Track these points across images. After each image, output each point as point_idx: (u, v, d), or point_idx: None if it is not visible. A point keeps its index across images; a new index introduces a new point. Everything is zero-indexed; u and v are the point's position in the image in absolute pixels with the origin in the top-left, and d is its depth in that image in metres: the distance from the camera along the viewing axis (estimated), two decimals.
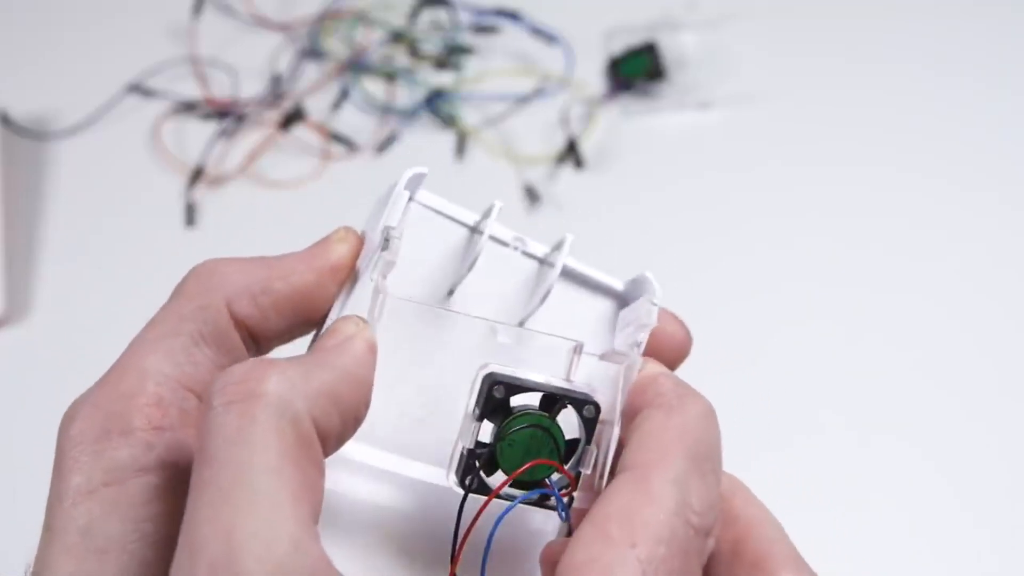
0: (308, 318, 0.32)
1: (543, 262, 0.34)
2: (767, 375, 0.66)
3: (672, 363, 0.34)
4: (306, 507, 0.24)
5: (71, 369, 0.67)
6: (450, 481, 0.30)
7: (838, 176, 0.76)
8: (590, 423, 0.30)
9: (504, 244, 0.34)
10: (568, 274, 0.34)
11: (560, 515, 0.30)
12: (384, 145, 0.78)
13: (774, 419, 0.64)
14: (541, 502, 0.30)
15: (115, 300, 0.71)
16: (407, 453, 0.31)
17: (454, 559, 0.29)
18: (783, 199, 0.75)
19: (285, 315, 0.32)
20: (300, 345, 0.34)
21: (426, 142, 0.78)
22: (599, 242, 0.72)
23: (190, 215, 0.75)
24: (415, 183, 0.33)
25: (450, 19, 0.85)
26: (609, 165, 0.77)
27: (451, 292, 0.34)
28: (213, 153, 0.78)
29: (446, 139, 0.78)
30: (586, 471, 0.30)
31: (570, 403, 0.30)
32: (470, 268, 0.33)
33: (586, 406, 0.30)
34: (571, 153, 0.76)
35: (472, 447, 0.30)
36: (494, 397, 0.30)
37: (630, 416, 0.30)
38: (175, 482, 0.28)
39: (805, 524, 0.61)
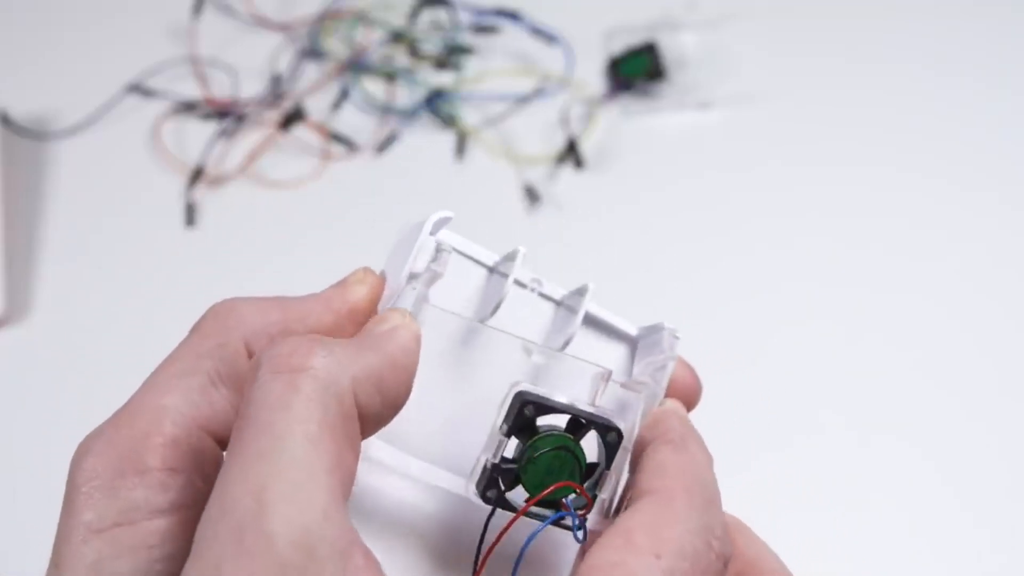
0: None
1: (560, 304, 0.35)
2: (767, 375, 0.66)
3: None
4: (339, 481, 0.25)
5: (71, 369, 0.68)
6: (470, 492, 0.30)
7: (838, 176, 0.76)
8: (612, 448, 0.31)
9: (522, 286, 0.34)
10: (586, 319, 0.34)
11: (576, 536, 0.30)
12: (384, 145, 0.78)
13: (774, 419, 0.64)
14: (557, 521, 0.30)
15: (115, 300, 0.71)
16: (434, 460, 0.31)
17: (476, 573, 0.29)
18: (783, 199, 0.75)
19: None
20: None
21: (426, 142, 0.78)
22: (599, 242, 0.73)
23: (190, 215, 0.75)
24: (440, 227, 0.33)
25: (450, 19, 0.85)
26: (609, 165, 0.77)
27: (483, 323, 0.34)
28: (213, 153, 0.78)
29: (446, 139, 0.78)
30: (603, 495, 0.31)
31: (595, 428, 0.31)
32: (494, 311, 0.33)
33: (610, 432, 0.31)
34: (571, 153, 0.76)
35: (497, 462, 0.30)
36: (524, 415, 0.30)
37: (639, 446, 0.31)
38: (188, 525, 0.27)
39: (805, 524, 0.61)
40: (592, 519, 0.31)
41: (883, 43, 0.83)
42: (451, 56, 0.83)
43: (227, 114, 0.80)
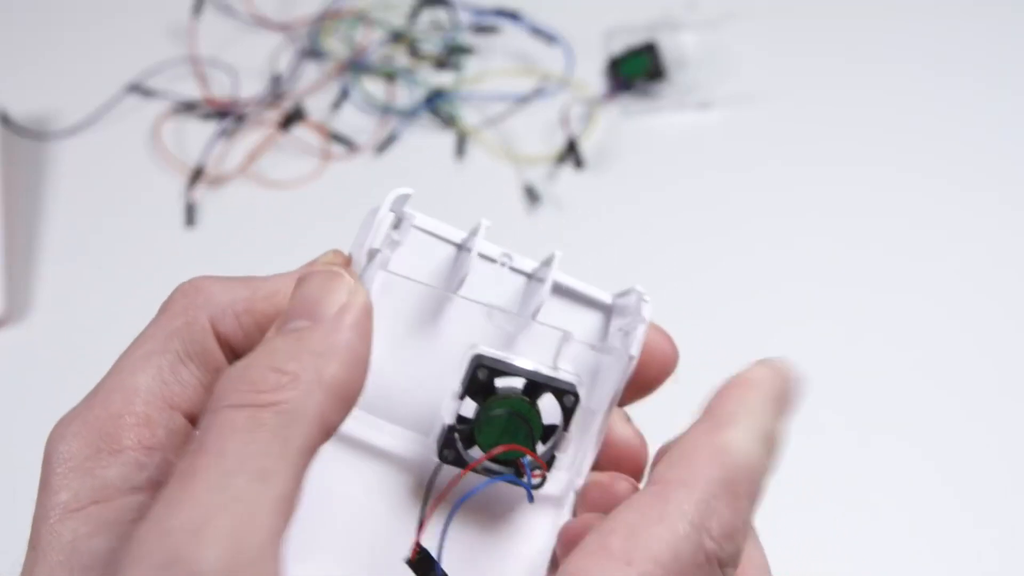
0: None
1: (531, 277, 0.35)
2: None
3: (658, 378, 0.34)
4: (283, 516, 0.24)
5: (71, 369, 0.67)
6: (430, 451, 0.31)
7: (838, 176, 0.76)
8: (568, 411, 0.32)
9: (492, 260, 0.34)
10: (558, 289, 0.35)
11: (528, 496, 0.31)
12: (384, 145, 0.78)
13: None
14: (514, 482, 0.31)
15: (115, 300, 0.71)
16: (398, 422, 0.32)
17: (421, 525, 0.30)
18: (783, 199, 0.75)
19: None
20: None
21: (426, 142, 0.78)
22: (599, 242, 0.73)
23: (190, 215, 0.75)
24: (400, 204, 0.33)
25: (450, 19, 0.85)
26: (609, 165, 0.77)
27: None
28: (213, 153, 0.78)
29: (446, 139, 0.78)
30: (561, 454, 0.32)
31: (551, 391, 0.32)
32: (459, 287, 0.33)
33: (566, 395, 0.32)
34: (571, 153, 0.76)
35: (453, 422, 0.31)
36: (478, 378, 0.31)
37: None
38: None
39: (807, 524, 0.61)
40: (557, 478, 0.32)
41: (883, 43, 0.83)
42: (451, 56, 0.83)
43: (227, 114, 0.80)
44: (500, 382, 0.32)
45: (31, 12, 0.88)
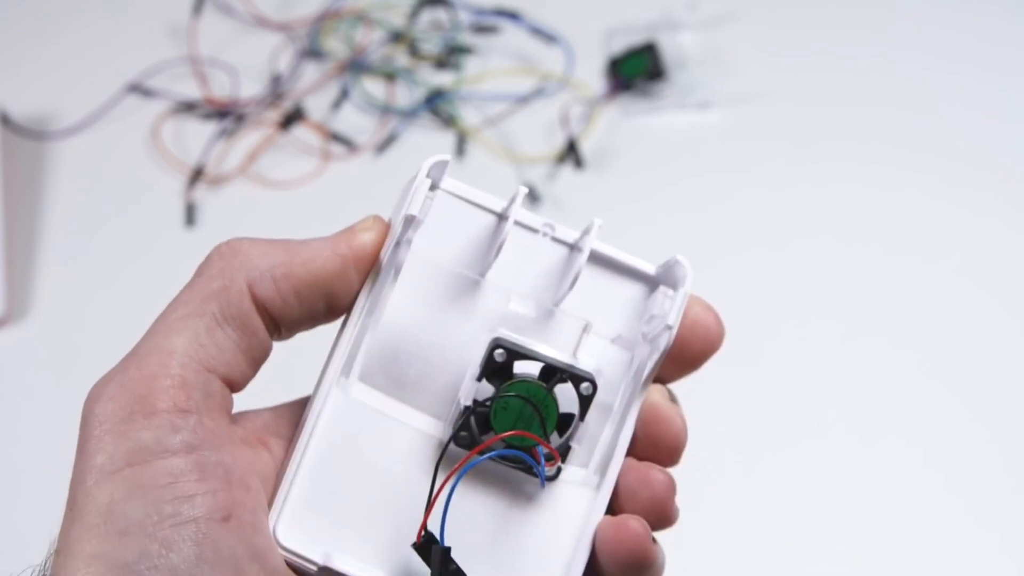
0: (330, 306, 0.32)
1: (573, 247, 0.35)
2: (768, 375, 0.66)
3: (702, 351, 0.34)
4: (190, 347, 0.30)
5: (71, 369, 0.67)
6: (444, 433, 0.31)
7: (838, 175, 0.76)
8: (586, 400, 0.32)
9: (534, 231, 0.34)
10: (598, 259, 0.35)
11: (541, 483, 0.31)
12: (384, 145, 0.78)
13: (774, 419, 0.64)
14: (528, 470, 0.31)
15: (115, 300, 0.71)
16: (409, 403, 0.32)
17: (428, 508, 0.30)
18: (783, 198, 0.75)
19: (305, 301, 0.32)
20: (321, 334, 0.34)
21: (426, 142, 0.78)
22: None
23: (190, 215, 0.75)
24: (438, 171, 0.33)
25: (450, 19, 0.85)
26: (609, 165, 0.77)
27: (481, 276, 0.34)
28: (213, 153, 0.78)
29: (446, 139, 0.78)
30: (576, 445, 0.32)
31: (569, 378, 0.32)
32: (497, 253, 0.33)
33: (584, 383, 0.32)
34: (571, 153, 0.76)
35: (469, 404, 0.31)
36: (495, 360, 0.31)
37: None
38: (200, 465, 0.28)
39: (810, 524, 0.61)
40: (572, 472, 0.32)
41: (883, 42, 0.83)
42: (451, 56, 0.83)
43: (227, 114, 0.80)
44: (519, 367, 0.32)
45: (31, 12, 0.88)
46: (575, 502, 0.32)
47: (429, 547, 0.30)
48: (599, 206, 0.74)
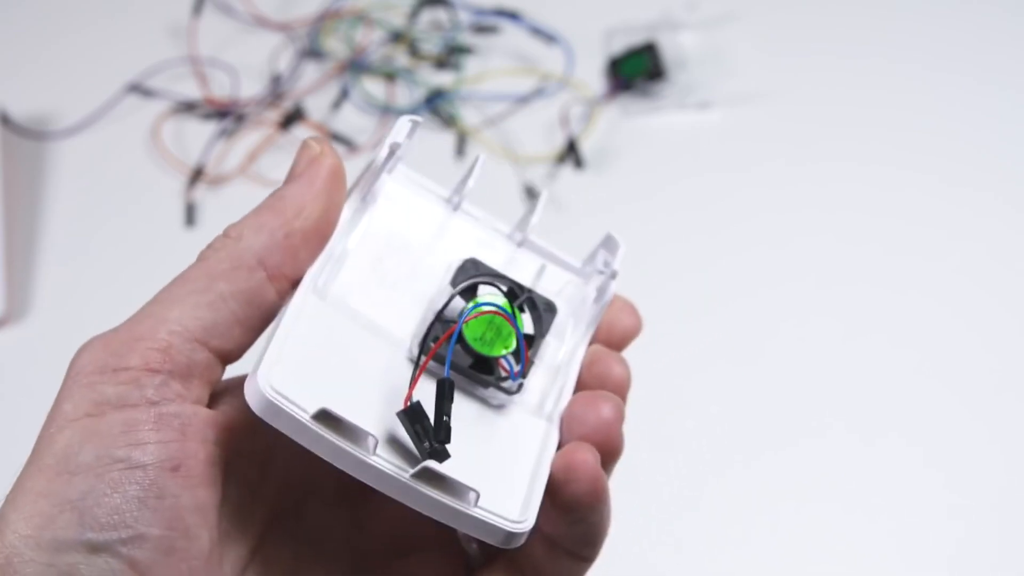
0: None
1: (510, 237, 0.38)
2: (768, 375, 0.66)
3: (621, 342, 0.36)
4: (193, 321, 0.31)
5: None
6: (412, 349, 0.33)
7: (838, 175, 0.76)
8: (548, 319, 0.35)
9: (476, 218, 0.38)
10: (534, 248, 0.38)
11: (514, 379, 0.33)
12: None
13: (775, 419, 0.64)
14: (495, 383, 0.33)
15: (115, 300, 0.70)
16: (379, 316, 0.34)
17: (413, 383, 0.31)
18: (783, 198, 0.75)
19: (312, 246, 0.33)
20: None
21: (426, 142, 0.78)
22: (599, 242, 0.73)
23: (190, 215, 0.75)
24: (412, 131, 0.36)
25: (450, 19, 0.85)
26: (609, 165, 0.77)
27: (455, 208, 0.38)
28: (213, 153, 0.78)
29: (446, 139, 0.78)
30: (537, 362, 0.34)
31: (531, 301, 0.35)
32: (468, 176, 0.37)
33: (547, 304, 0.35)
34: (571, 153, 0.76)
35: (440, 309, 0.33)
36: (467, 270, 0.34)
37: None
38: (158, 417, 0.29)
39: (810, 524, 0.61)
40: (531, 400, 0.34)
41: (883, 42, 0.83)
42: (451, 56, 0.83)
43: (227, 114, 0.80)
44: (483, 293, 0.34)
45: (31, 12, 0.88)
46: (532, 432, 0.34)
47: (417, 412, 0.31)
48: (599, 206, 0.74)
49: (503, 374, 0.33)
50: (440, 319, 0.33)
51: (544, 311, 0.35)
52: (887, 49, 0.83)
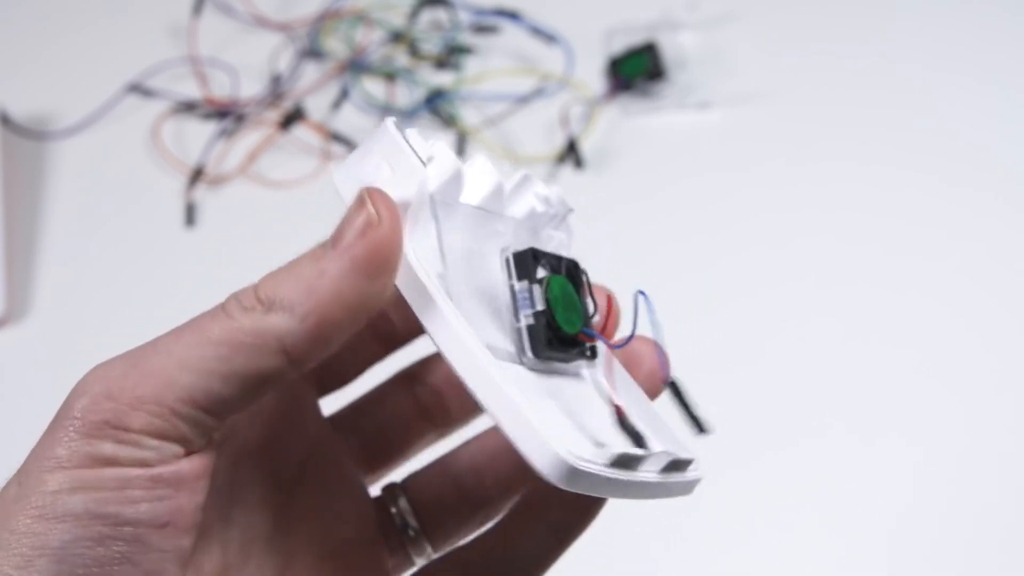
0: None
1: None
2: (768, 375, 0.66)
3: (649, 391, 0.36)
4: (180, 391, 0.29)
5: (71, 369, 0.67)
6: (525, 361, 0.32)
7: (838, 175, 0.76)
8: (584, 281, 0.34)
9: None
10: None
11: (610, 348, 0.34)
12: None
13: (775, 419, 0.64)
14: (589, 355, 0.34)
15: (115, 300, 0.71)
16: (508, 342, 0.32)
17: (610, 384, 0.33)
18: (783, 198, 0.75)
19: (343, 333, 0.30)
20: None
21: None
22: (599, 241, 0.73)
23: (190, 215, 0.75)
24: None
25: (450, 19, 0.85)
26: (609, 165, 0.77)
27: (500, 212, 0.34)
28: (213, 153, 0.78)
29: (446, 139, 0.78)
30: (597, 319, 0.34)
31: (570, 267, 0.34)
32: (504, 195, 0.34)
33: (580, 270, 0.34)
34: (571, 153, 0.76)
35: (543, 308, 0.32)
36: (535, 260, 0.32)
37: None
38: (152, 480, 0.29)
39: (810, 524, 0.61)
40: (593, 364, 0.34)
41: (883, 42, 0.83)
42: (451, 56, 0.83)
43: (227, 114, 0.80)
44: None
45: (31, 12, 0.88)
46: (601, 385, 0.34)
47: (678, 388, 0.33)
48: (599, 206, 0.74)
49: (587, 344, 0.33)
50: (543, 315, 0.32)
51: (580, 273, 0.34)
52: (887, 49, 0.83)
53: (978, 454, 0.62)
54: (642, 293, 0.33)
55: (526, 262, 0.32)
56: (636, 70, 0.79)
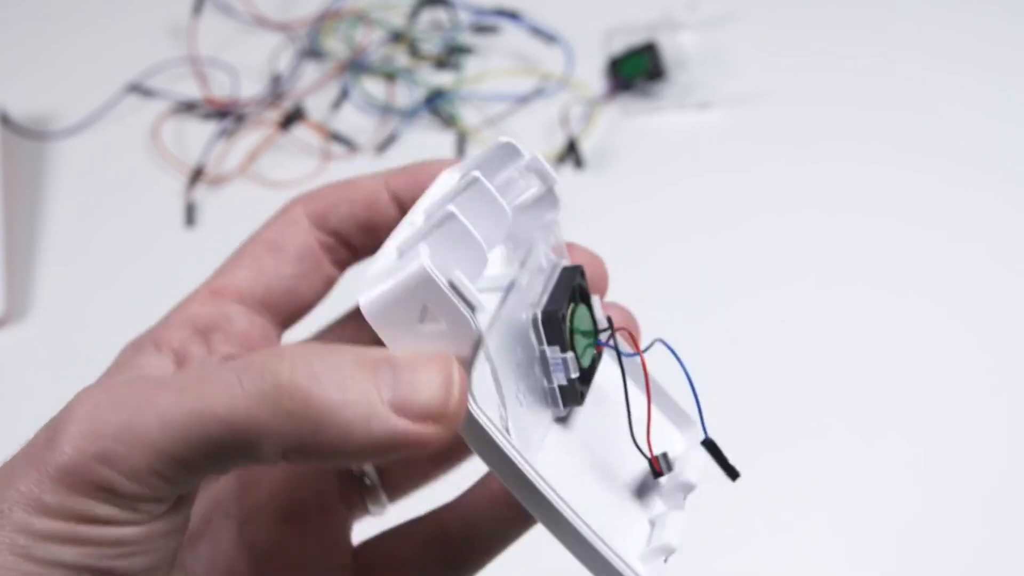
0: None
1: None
2: (768, 375, 0.66)
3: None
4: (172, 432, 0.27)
5: (71, 369, 0.67)
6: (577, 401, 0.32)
7: (838, 175, 0.76)
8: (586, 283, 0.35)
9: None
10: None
11: (633, 355, 0.34)
12: (384, 145, 0.78)
13: (775, 419, 0.64)
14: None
15: (115, 300, 0.71)
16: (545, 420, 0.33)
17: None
18: (783, 198, 0.75)
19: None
20: None
21: (426, 142, 0.78)
22: (599, 242, 0.72)
23: (190, 215, 0.75)
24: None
25: (450, 19, 0.85)
26: (609, 165, 0.77)
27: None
28: (213, 153, 0.78)
29: (446, 139, 0.78)
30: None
31: (581, 290, 0.34)
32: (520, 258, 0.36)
33: (582, 275, 0.35)
34: (571, 153, 0.76)
35: (576, 375, 0.32)
36: (560, 323, 0.31)
37: None
38: (146, 537, 0.28)
39: (810, 524, 0.61)
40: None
41: (883, 42, 0.83)
42: (451, 56, 0.83)
43: (227, 114, 0.80)
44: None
45: (31, 12, 0.88)
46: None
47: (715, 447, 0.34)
48: (599, 206, 0.74)
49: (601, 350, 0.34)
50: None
51: (583, 281, 0.35)
52: (887, 49, 0.83)
53: (978, 454, 0.62)
54: (662, 342, 0.33)
55: (555, 327, 0.31)
56: (636, 70, 0.79)
